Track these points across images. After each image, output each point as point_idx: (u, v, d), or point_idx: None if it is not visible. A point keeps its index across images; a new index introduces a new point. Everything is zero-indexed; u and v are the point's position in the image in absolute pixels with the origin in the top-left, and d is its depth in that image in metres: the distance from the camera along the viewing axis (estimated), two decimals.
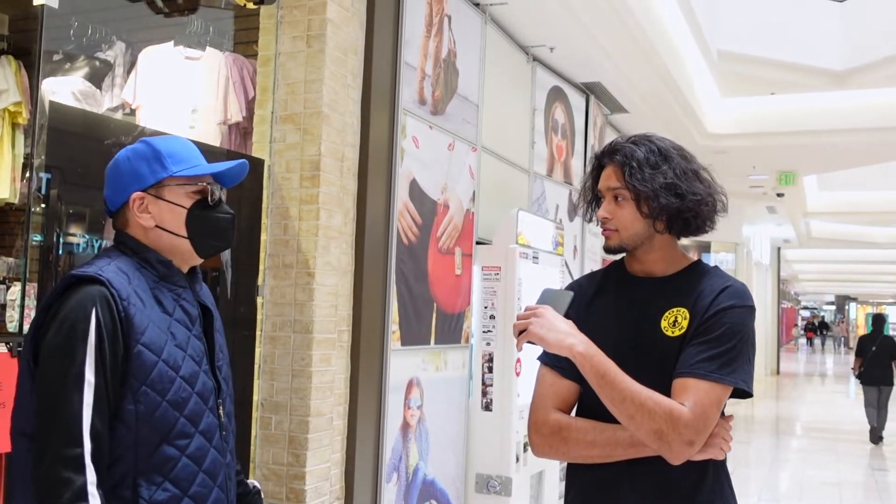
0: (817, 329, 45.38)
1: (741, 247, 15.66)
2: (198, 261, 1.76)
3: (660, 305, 1.78)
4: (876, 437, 10.69)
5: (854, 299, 48.60)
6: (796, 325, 47.88)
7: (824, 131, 8.96)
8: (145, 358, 1.55)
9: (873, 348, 10.84)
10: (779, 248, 22.30)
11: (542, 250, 5.09)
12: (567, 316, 1.77)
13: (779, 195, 12.18)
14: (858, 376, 11.10)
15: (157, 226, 1.68)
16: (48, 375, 1.51)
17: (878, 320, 11.55)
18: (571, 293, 1.83)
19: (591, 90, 6.80)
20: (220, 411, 1.71)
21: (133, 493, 1.53)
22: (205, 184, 1.72)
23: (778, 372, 21.99)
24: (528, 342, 1.74)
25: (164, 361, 1.58)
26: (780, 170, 10.82)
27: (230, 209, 1.78)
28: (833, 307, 53.29)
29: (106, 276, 1.56)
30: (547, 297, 1.82)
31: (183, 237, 1.69)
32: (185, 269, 1.74)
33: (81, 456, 1.45)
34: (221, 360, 1.78)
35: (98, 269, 1.58)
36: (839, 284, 40.65)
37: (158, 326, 1.60)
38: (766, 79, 8.43)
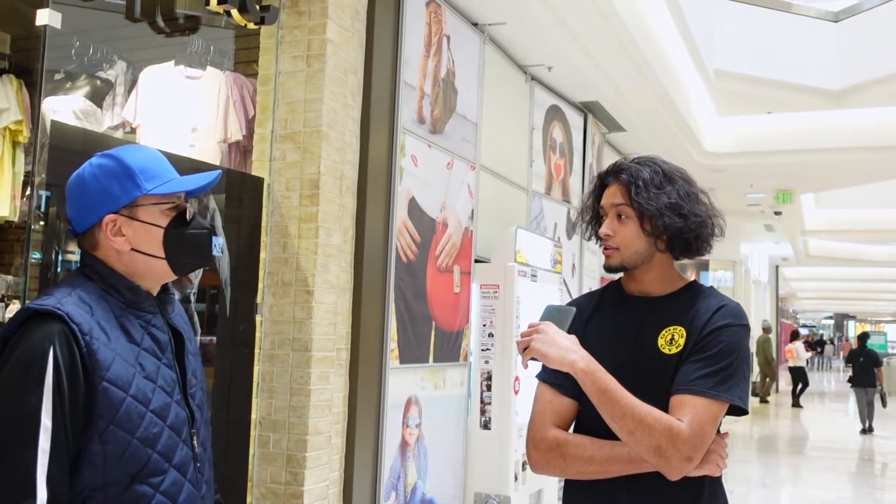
0: (815, 347, 45.19)
1: (739, 265, 15.65)
2: (173, 278, 1.66)
3: (656, 324, 1.80)
4: (867, 429, 13.44)
5: (853, 317, 48.56)
6: None
7: (821, 150, 9.00)
8: (112, 395, 1.45)
9: (861, 359, 14.05)
10: (777, 266, 22.31)
11: (541, 268, 5.10)
12: (570, 331, 1.79)
13: (776, 213, 12.22)
14: (850, 380, 14.34)
15: (132, 248, 1.57)
16: (0, 421, 1.40)
17: (864, 337, 15.26)
18: (574, 309, 1.85)
19: (588, 109, 6.84)
20: (194, 442, 1.61)
21: None
22: (179, 200, 1.62)
23: (777, 390, 21.92)
24: (532, 359, 1.76)
25: (132, 397, 1.48)
26: (777, 188, 10.86)
27: (206, 223, 1.68)
28: (832, 321, 53.19)
29: (65, 310, 1.45)
30: (549, 314, 1.84)
31: (160, 258, 1.59)
32: (156, 290, 1.64)
33: None
34: (195, 386, 1.67)
35: (57, 302, 1.46)
36: (838, 302, 40.63)
37: (125, 359, 1.49)
38: (762, 98, 8.47)
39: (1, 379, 1.42)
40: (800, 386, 18.36)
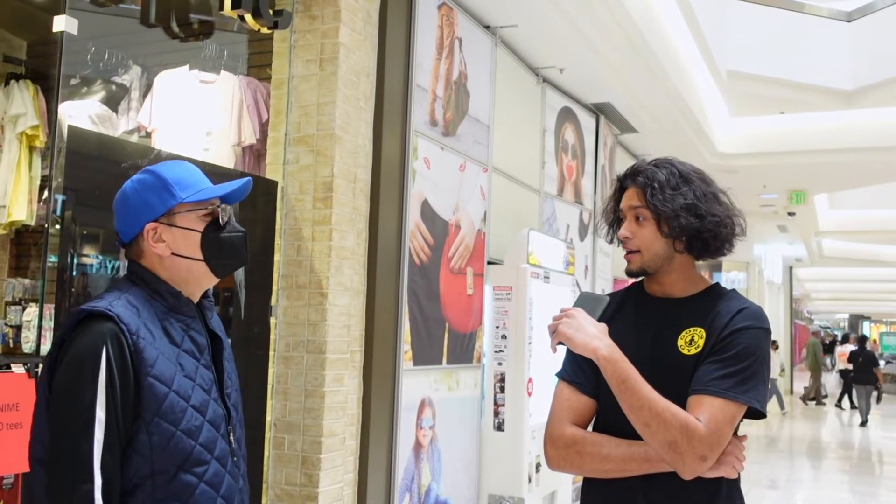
0: (829, 349, 44.65)
1: (753, 266, 15.59)
2: (213, 281, 1.79)
3: (677, 325, 1.80)
4: (863, 422, 15.27)
5: (867, 318, 48.19)
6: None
7: (834, 150, 8.96)
8: (156, 389, 1.58)
9: (860, 359, 16.11)
10: (791, 267, 22.18)
11: (553, 270, 5.10)
12: (601, 320, 1.80)
13: (790, 214, 12.16)
14: (852, 378, 16.48)
15: (172, 253, 1.70)
16: (60, 413, 1.54)
17: (863, 340, 18.01)
18: (608, 298, 1.87)
19: (600, 111, 6.83)
20: (231, 437, 1.74)
21: None
22: (214, 206, 1.75)
23: (792, 392, 21.79)
24: (560, 343, 1.78)
25: (174, 392, 1.60)
26: (790, 189, 10.81)
27: (241, 227, 1.81)
28: (846, 317, 52.64)
29: (115, 312, 1.58)
30: (583, 300, 1.86)
31: (199, 260, 1.72)
32: (197, 297, 1.77)
33: (91, 492, 1.49)
34: (230, 388, 1.80)
35: (108, 305, 1.60)
36: (852, 303, 40.34)
37: (167, 358, 1.62)
38: (775, 98, 8.44)
39: (59, 376, 1.57)
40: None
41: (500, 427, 4.60)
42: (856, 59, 7.95)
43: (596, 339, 1.73)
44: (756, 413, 1.73)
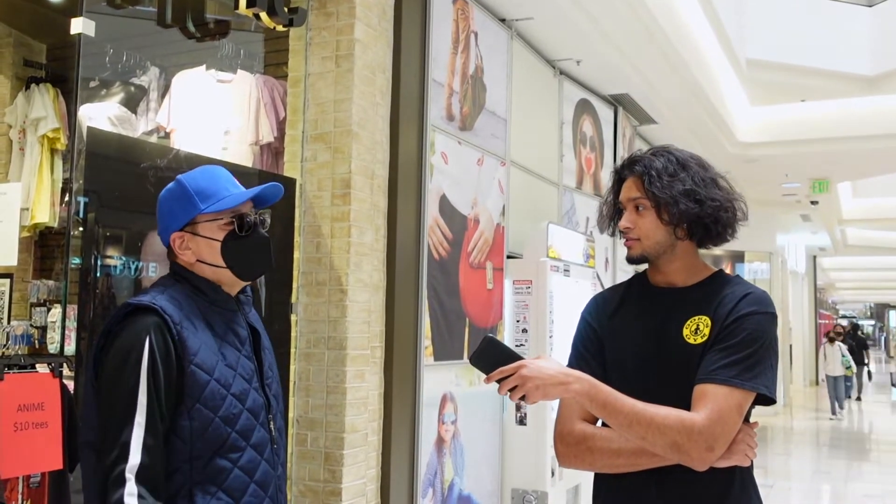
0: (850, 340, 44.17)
1: (776, 256, 15.43)
2: (242, 284, 1.85)
3: (682, 314, 1.78)
4: (855, 398, 17.89)
5: (893, 307, 47.62)
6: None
7: (857, 137, 8.85)
8: (198, 377, 1.66)
9: (853, 343, 18.12)
10: (814, 257, 21.96)
11: (573, 263, 5.09)
12: (503, 351, 1.68)
13: (813, 203, 12.03)
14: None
15: (198, 260, 1.78)
16: (105, 399, 1.65)
17: (856, 327, 21.64)
18: (489, 335, 1.72)
19: (619, 102, 6.79)
20: (271, 426, 1.80)
21: (189, 501, 1.66)
22: (232, 216, 1.79)
23: (817, 382, 21.59)
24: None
25: (215, 380, 1.69)
26: (813, 177, 10.69)
27: (264, 232, 1.84)
28: (868, 305, 51.98)
29: (159, 304, 1.67)
30: (482, 355, 1.68)
31: (223, 267, 1.79)
32: (234, 293, 1.83)
33: (124, 472, 1.58)
34: (271, 378, 1.87)
35: (152, 298, 1.70)
36: (878, 292, 39.90)
37: (209, 348, 1.71)
38: (796, 86, 8.35)
39: (106, 365, 1.67)
40: None
41: (522, 421, 4.59)
42: (877, 44, 7.84)
43: (558, 381, 1.64)
44: (766, 399, 1.70)
